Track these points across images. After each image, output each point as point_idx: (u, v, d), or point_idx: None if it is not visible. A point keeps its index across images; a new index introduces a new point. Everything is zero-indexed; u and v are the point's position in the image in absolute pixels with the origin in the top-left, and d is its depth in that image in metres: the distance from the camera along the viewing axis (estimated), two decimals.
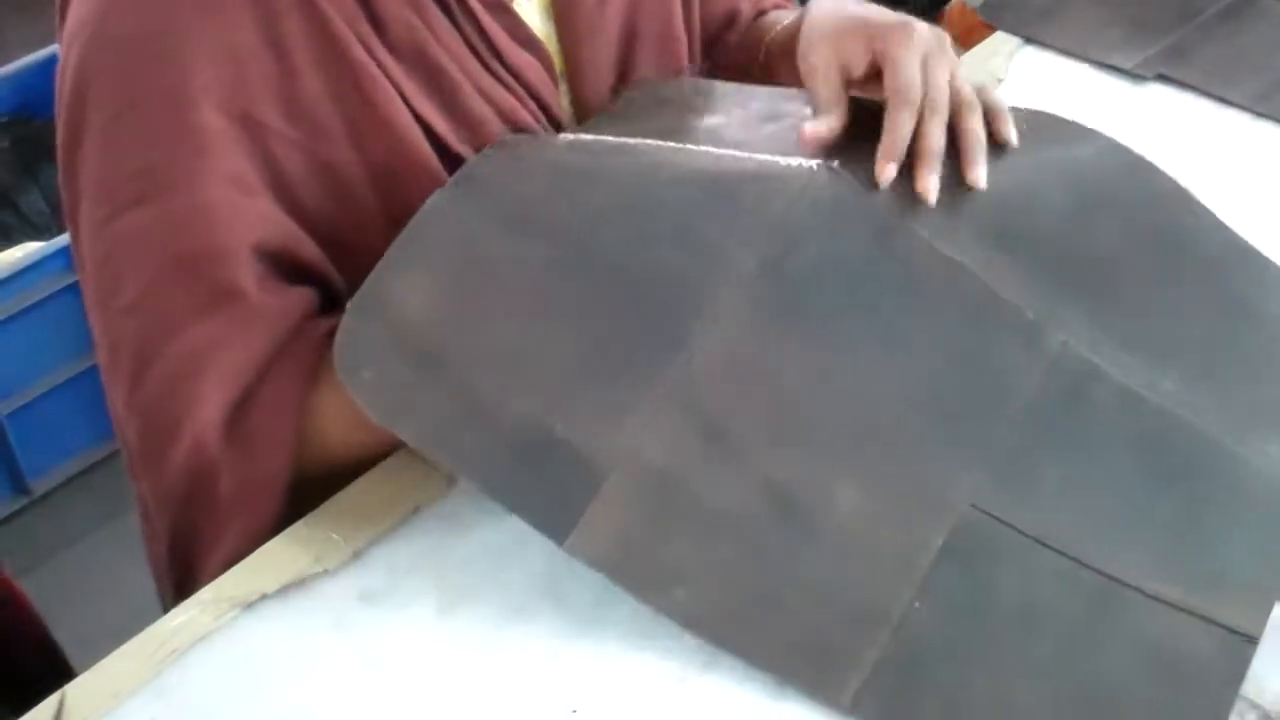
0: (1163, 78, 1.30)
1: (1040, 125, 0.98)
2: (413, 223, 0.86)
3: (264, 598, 0.83)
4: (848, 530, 0.80)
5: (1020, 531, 0.81)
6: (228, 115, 0.85)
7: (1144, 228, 0.95)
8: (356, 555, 0.85)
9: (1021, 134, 0.95)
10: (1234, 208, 1.01)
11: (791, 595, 0.78)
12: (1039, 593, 0.79)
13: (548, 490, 0.79)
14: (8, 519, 1.95)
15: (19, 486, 1.96)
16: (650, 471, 0.80)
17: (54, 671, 0.90)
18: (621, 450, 0.80)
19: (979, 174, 0.89)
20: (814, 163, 0.89)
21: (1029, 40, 1.35)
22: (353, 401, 0.81)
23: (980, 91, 0.93)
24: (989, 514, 0.81)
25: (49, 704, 0.77)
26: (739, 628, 0.77)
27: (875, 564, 0.79)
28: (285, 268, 0.89)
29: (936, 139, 0.89)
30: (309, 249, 0.90)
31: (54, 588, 1.62)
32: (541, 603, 0.82)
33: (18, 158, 2.12)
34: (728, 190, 0.88)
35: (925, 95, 0.89)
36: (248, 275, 0.86)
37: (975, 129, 0.91)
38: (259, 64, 0.85)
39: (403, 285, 0.84)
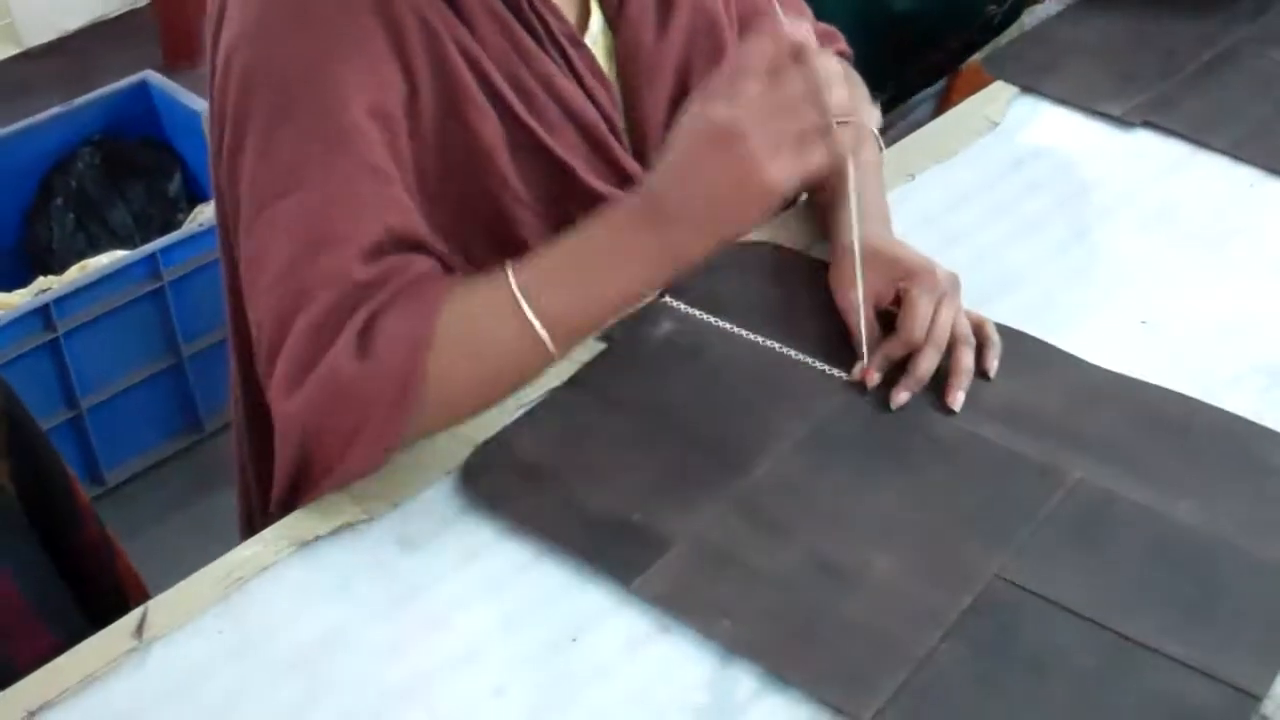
0: (1149, 124, 1.41)
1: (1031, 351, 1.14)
2: (535, 405, 1.06)
3: (317, 539, 0.97)
4: (882, 586, 0.94)
5: (1042, 597, 0.92)
6: (370, 113, 0.98)
7: (1142, 414, 1.08)
8: (395, 507, 0.99)
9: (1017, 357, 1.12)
10: (1212, 246, 1.12)
11: (826, 630, 0.90)
12: (1057, 642, 0.90)
13: (620, 552, 0.95)
14: None
15: (94, 476, 2.10)
16: (709, 544, 0.95)
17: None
18: (688, 530, 0.96)
19: (958, 398, 1.06)
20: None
21: (1026, 90, 1.47)
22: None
23: (980, 328, 1.11)
24: (1013, 583, 0.94)
25: (134, 615, 0.91)
26: (777, 652, 0.90)
27: (906, 611, 0.91)
28: (407, 247, 1.00)
29: (926, 369, 1.07)
30: (424, 229, 1.01)
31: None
32: (550, 553, 0.96)
33: (106, 175, 2.28)
34: (782, 383, 1.09)
35: (930, 332, 1.07)
36: (374, 253, 0.97)
37: (964, 361, 1.08)
38: (390, 70, 0.99)
39: (520, 439, 1.04)
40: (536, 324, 0.96)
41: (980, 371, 1.09)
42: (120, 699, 0.87)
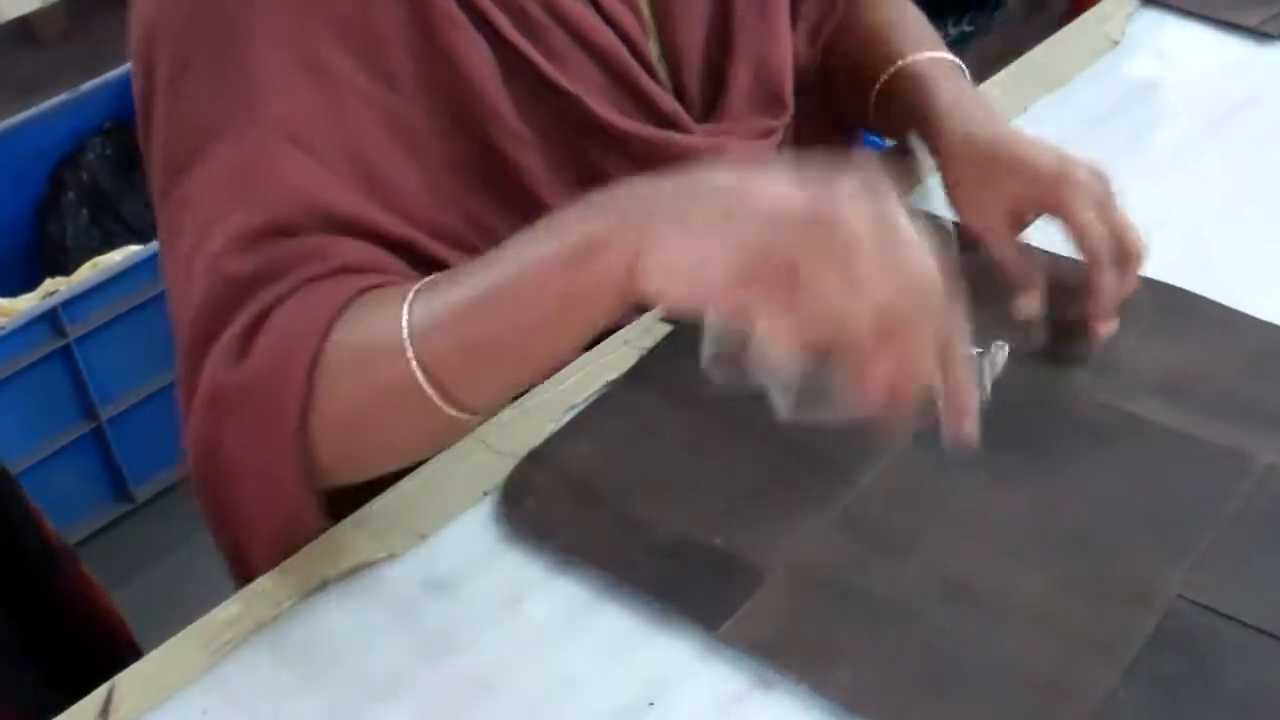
0: None
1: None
2: (587, 406, 0.88)
3: (324, 585, 0.78)
4: (1034, 611, 0.74)
5: (1239, 621, 0.74)
6: (295, 65, 0.79)
7: None
8: (422, 539, 0.80)
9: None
10: None
11: (970, 674, 0.72)
12: (1265, 678, 0.71)
13: (702, 588, 0.76)
14: (109, 526, 1.93)
15: (121, 493, 1.94)
16: (812, 574, 0.77)
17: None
18: (783, 557, 0.78)
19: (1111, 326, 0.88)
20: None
21: (1147, 1, 1.27)
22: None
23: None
24: (1201, 604, 0.74)
25: (97, 695, 0.73)
26: (911, 708, 0.71)
27: (1070, 644, 0.73)
28: (334, 229, 0.80)
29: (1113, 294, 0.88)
30: (386, 222, 0.82)
31: (155, 594, 1.59)
32: (615, 592, 0.77)
33: (119, 164, 2.11)
34: None
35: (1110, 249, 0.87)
36: (267, 237, 0.78)
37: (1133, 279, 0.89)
38: (325, 7, 0.80)
39: (570, 450, 0.85)
40: (417, 372, 0.72)
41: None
42: None
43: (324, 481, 0.78)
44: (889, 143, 1.08)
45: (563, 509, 0.81)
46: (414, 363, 0.71)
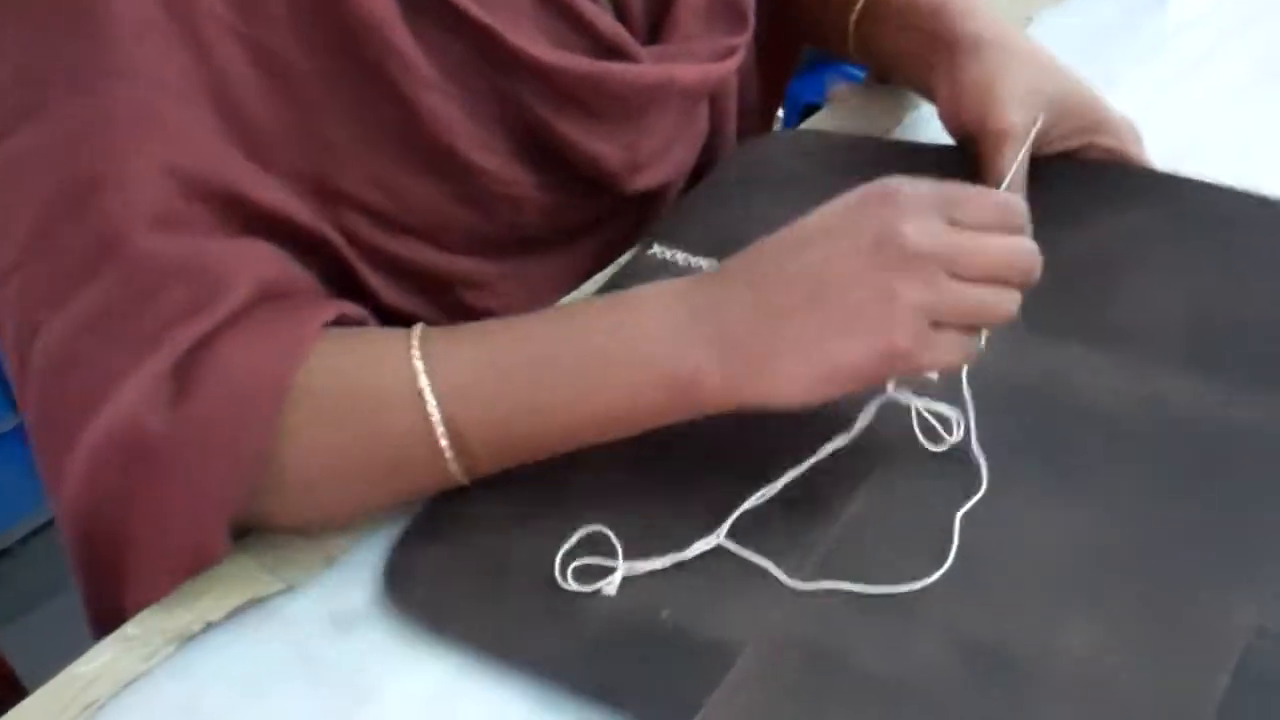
0: None
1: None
2: None
3: (208, 628, 0.64)
4: (1085, 673, 0.59)
5: None
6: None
7: None
8: (328, 565, 0.66)
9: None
10: None
11: None
12: None
13: (659, 680, 0.60)
14: None
15: None
16: (792, 647, 0.61)
17: None
18: (752, 629, 0.62)
19: None
20: None
21: None
22: None
23: None
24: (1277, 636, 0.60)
25: None
26: None
27: (1134, 710, 0.58)
28: (237, 216, 0.67)
29: None
30: (266, 190, 0.67)
31: (41, 636, 1.43)
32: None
33: None
34: None
35: None
36: (154, 213, 0.64)
37: None
38: None
39: (462, 512, 0.67)
40: (442, 439, 0.64)
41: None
42: None
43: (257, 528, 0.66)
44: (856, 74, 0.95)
45: (462, 596, 0.64)
46: (439, 427, 0.64)
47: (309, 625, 0.64)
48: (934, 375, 0.64)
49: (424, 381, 0.63)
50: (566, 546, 0.63)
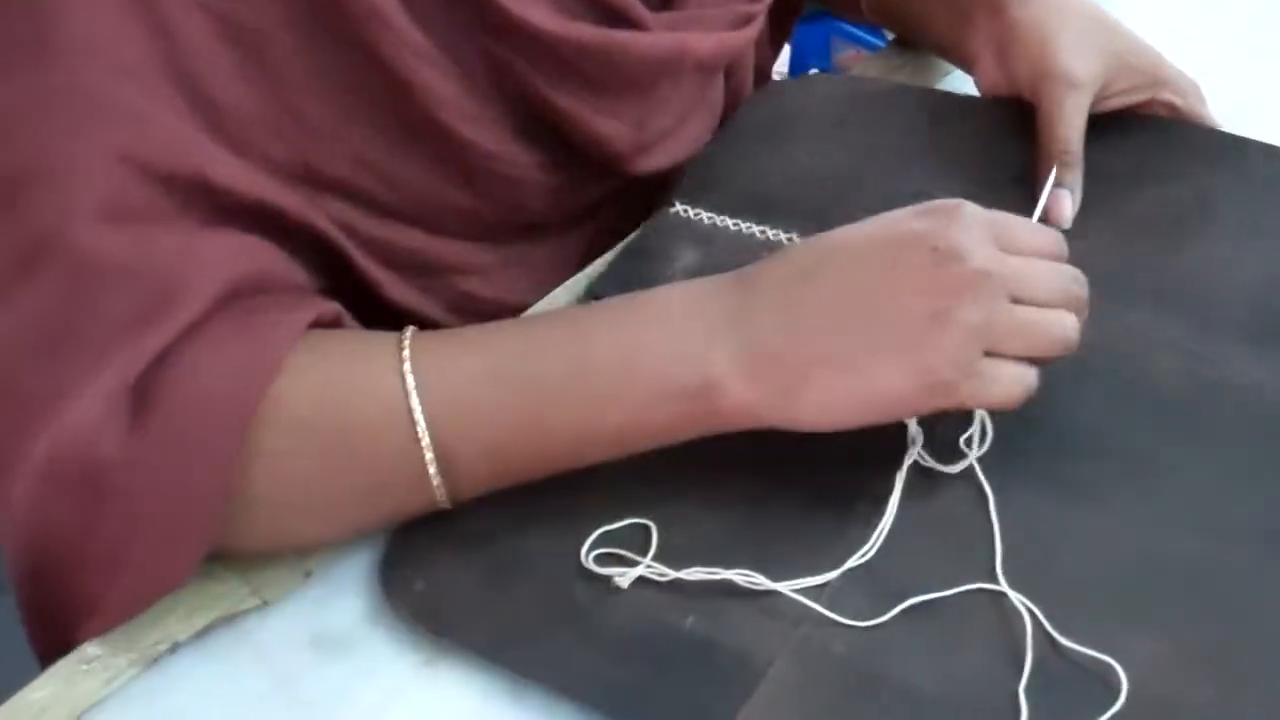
0: None
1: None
2: None
3: (176, 648, 0.58)
4: (1150, 696, 0.53)
5: None
6: None
7: None
8: (307, 578, 0.60)
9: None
10: None
11: None
12: None
13: (682, 694, 0.55)
14: None
15: None
16: (831, 660, 0.55)
17: None
18: (787, 639, 0.56)
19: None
20: None
21: None
22: None
23: None
24: None
25: None
26: None
27: None
28: (206, 206, 0.60)
29: None
30: (241, 176, 0.61)
31: None
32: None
33: None
34: None
35: None
36: (102, 205, 0.57)
37: None
38: None
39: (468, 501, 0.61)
40: (430, 464, 0.58)
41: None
42: None
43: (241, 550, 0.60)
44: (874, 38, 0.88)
45: (465, 591, 0.59)
46: (429, 451, 0.58)
47: (286, 648, 0.58)
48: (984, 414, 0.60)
49: (415, 400, 0.57)
50: (595, 535, 0.59)
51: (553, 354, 0.59)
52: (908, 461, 0.60)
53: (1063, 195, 0.73)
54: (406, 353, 0.58)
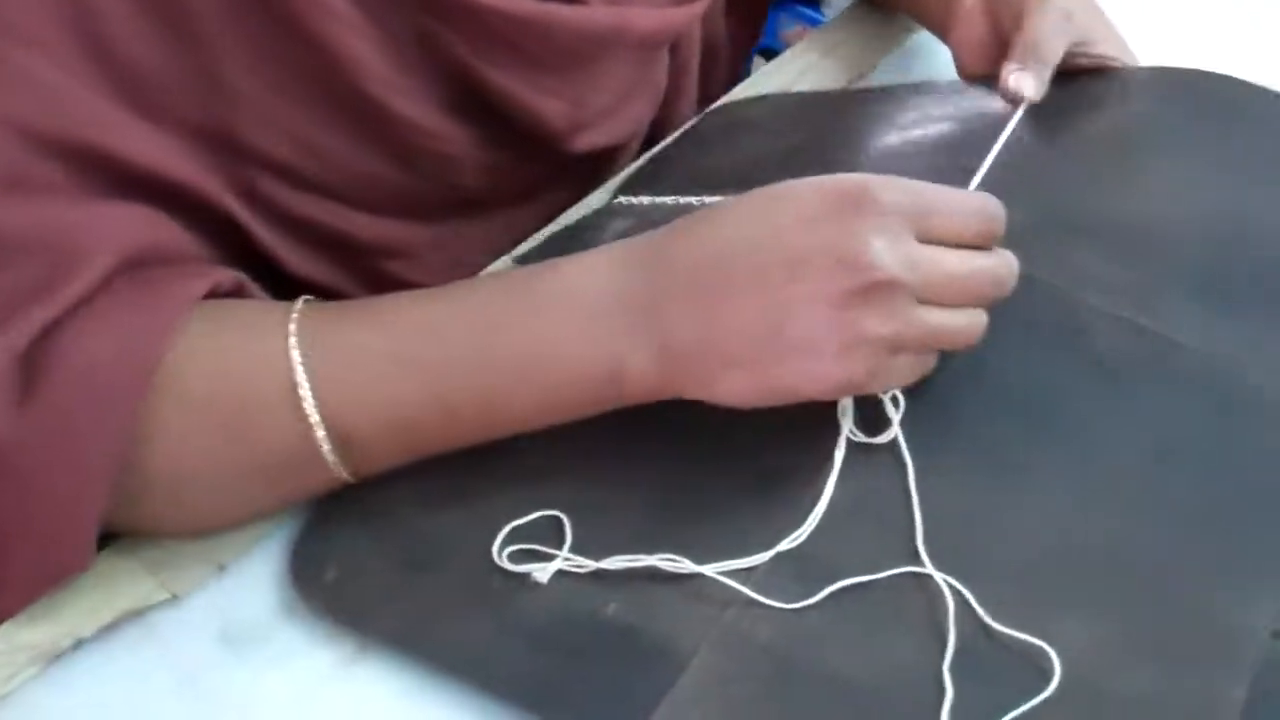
0: None
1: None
2: None
3: (79, 645, 0.55)
4: (1082, 684, 0.51)
5: None
6: None
7: None
8: (221, 571, 0.58)
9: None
10: None
11: None
12: None
13: (601, 684, 0.53)
14: None
15: None
16: (757, 650, 0.53)
17: None
18: (711, 628, 0.54)
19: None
20: None
21: None
22: None
23: None
24: None
25: None
26: None
27: None
28: (104, 176, 0.57)
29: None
30: (143, 145, 0.58)
31: None
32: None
33: None
34: None
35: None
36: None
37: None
38: None
39: (387, 480, 0.59)
40: (324, 444, 0.56)
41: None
42: None
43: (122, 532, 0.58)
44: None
45: (379, 580, 0.56)
46: (319, 430, 0.55)
47: (196, 643, 0.56)
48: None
49: (301, 375, 0.55)
50: (507, 531, 0.56)
51: (456, 342, 0.56)
52: (843, 438, 0.58)
53: (1025, 75, 0.70)
54: (293, 326, 0.56)
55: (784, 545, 0.55)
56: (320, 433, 0.55)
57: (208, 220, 0.61)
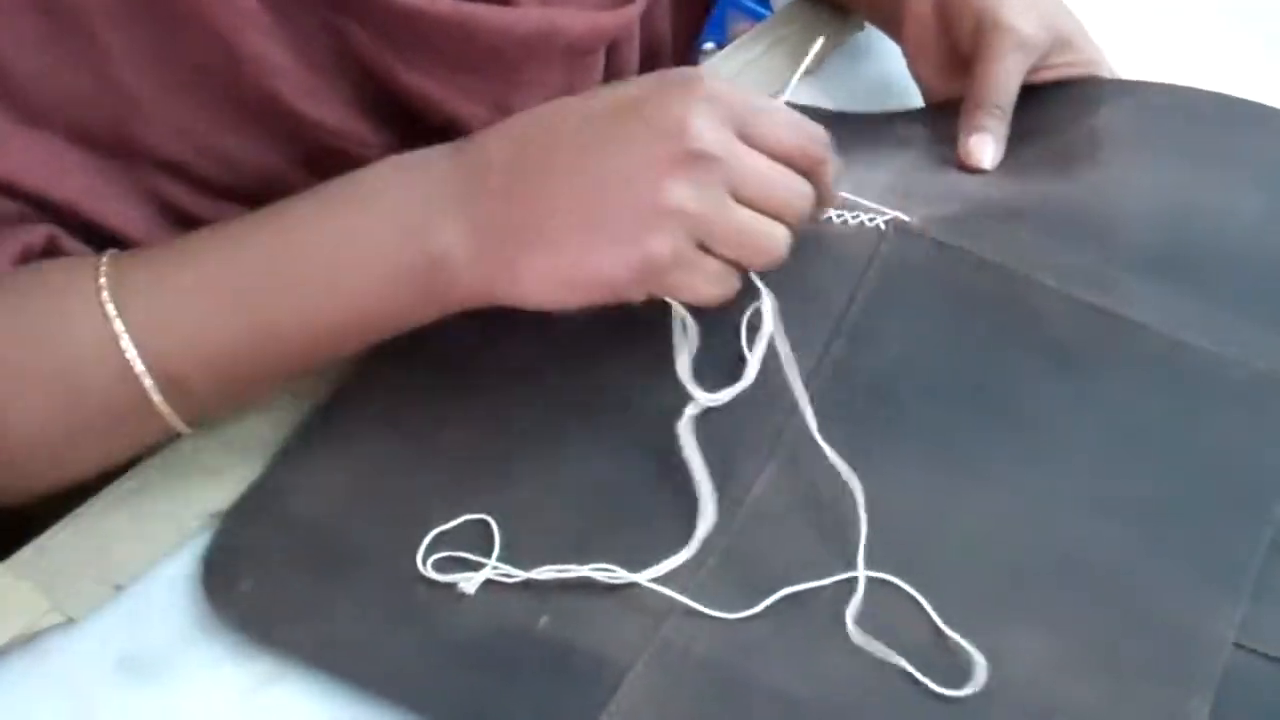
0: None
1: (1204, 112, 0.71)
2: (322, 408, 0.59)
3: None
4: (1033, 699, 0.49)
5: None
6: None
7: None
8: (117, 592, 0.54)
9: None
10: None
11: None
12: None
13: (531, 703, 0.49)
14: None
15: None
16: (694, 662, 0.50)
17: None
18: (648, 636, 0.51)
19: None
20: (882, 219, 0.63)
21: None
22: None
23: None
24: (1264, 653, 0.50)
25: None
26: None
27: None
28: None
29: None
30: (24, 160, 0.55)
31: None
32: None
33: None
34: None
35: None
36: None
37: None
38: None
39: (305, 483, 0.56)
40: (152, 391, 0.53)
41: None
42: None
43: None
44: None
45: (297, 592, 0.52)
46: (145, 378, 0.53)
47: (93, 670, 0.51)
48: (684, 316, 0.54)
49: (119, 327, 0.52)
50: (431, 537, 0.53)
51: (261, 260, 0.54)
52: (688, 379, 0.54)
53: (986, 138, 0.69)
54: (103, 280, 0.53)
55: (698, 535, 0.52)
56: (148, 381, 0.53)
57: (99, 233, 0.58)
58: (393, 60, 0.63)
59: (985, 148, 0.68)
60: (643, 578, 0.51)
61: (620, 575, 0.51)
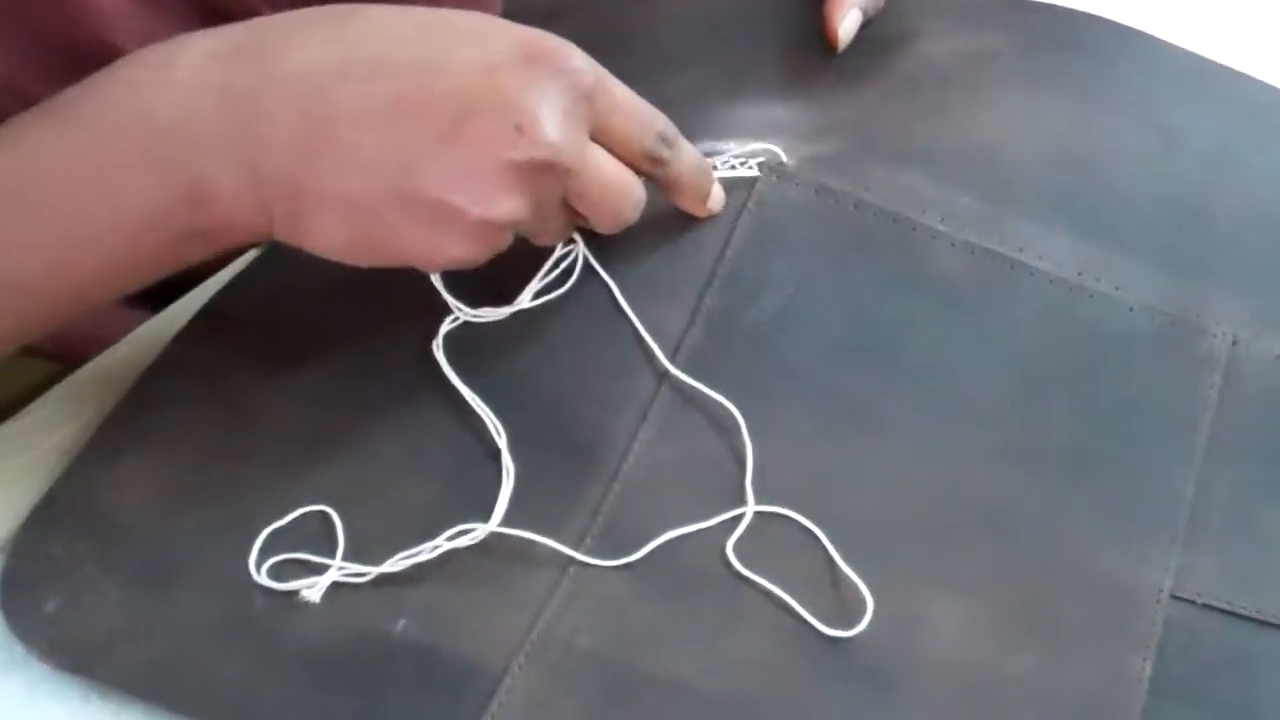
0: None
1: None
2: (125, 400, 0.51)
3: None
4: (960, 667, 0.44)
5: (1251, 618, 0.47)
6: None
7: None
8: None
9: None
10: None
11: None
12: None
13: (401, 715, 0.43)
14: None
15: None
16: (580, 657, 0.45)
17: None
18: (521, 635, 0.45)
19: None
20: (755, 160, 0.57)
21: None
22: None
23: None
24: (1209, 605, 0.46)
25: None
26: None
27: (1030, 712, 0.44)
28: None
29: None
30: None
31: None
32: None
33: None
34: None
35: None
36: None
37: None
38: None
39: (113, 480, 0.48)
40: None
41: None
42: None
43: None
44: None
45: (111, 609, 0.45)
46: None
47: None
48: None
49: None
50: (264, 537, 0.46)
51: (24, 173, 0.46)
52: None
53: (855, 14, 0.62)
54: None
55: (506, 461, 0.47)
56: None
57: None
58: (242, 8, 0.56)
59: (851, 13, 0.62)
60: (517, 532, 0.46)
61: (480, 529, 0.46)
